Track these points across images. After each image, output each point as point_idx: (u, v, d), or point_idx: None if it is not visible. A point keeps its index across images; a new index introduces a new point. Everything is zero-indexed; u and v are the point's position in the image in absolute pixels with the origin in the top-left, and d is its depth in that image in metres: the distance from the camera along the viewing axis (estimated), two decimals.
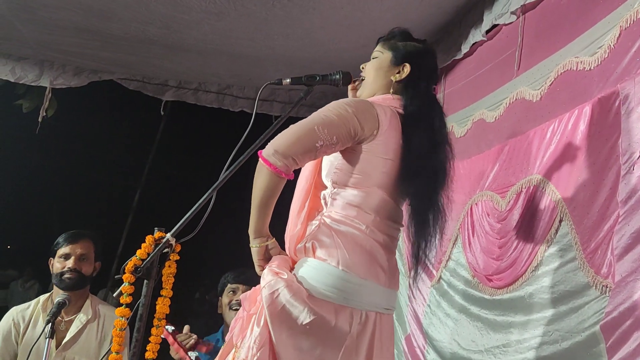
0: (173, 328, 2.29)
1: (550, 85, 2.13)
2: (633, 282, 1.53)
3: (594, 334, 1.66)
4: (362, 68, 1.77)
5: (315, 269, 1.47)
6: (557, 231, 1.93)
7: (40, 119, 3.91)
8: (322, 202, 1.60)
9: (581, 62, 1.95)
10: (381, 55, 1.72)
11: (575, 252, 1.80)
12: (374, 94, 1.70)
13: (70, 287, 2.31)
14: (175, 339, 2.24)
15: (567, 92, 2.03)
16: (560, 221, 1.91)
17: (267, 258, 1.56)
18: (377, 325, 1.51)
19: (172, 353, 2.27)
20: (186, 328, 2.33)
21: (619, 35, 1.78)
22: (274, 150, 1.44)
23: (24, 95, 4.33)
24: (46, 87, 3.81)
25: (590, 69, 1.91)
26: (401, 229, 1.64)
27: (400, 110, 1.61)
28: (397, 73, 1.68)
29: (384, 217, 1.56)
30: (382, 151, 1.55)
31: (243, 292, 2.49)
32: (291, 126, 1.50)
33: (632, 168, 1.61)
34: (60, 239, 2.40)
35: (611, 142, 1.71)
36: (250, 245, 1.54)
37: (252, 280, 2.48)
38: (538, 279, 1.98)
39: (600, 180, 1.74)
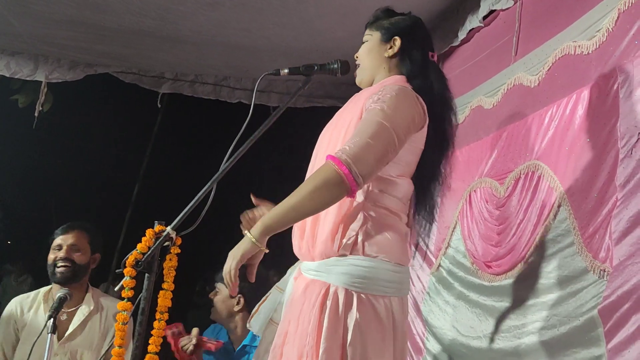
0: (179, 330, 2.22)
1: (548, 70, 2.12)
2: (631, 266, 1.54)
3: (592, 318, 1.67)
4: (356, 57, 1.76)
5: (373, 269, 1.45)
6: (555, 216, 1.93)
7: (36, 114, 3.90)
8: (361, 192, 1.49)
9: (579, 46, 1.94)
10: (370, 37, 1.72)
11: (574, 237, 1.81)
12: (373, 76, 1.70)
13: (64, 280, 2.31)
14: (176, 346, 2.20)
15: (565, 77, 2.02)
16: (559, 206, 1.92)
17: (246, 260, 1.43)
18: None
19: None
20: (195, 331, 2.25)
21: (617, 18, 1.76)
22: (361, 175, 1.37)
23: (19, 90, 4.31)
24: (42, 82, 3.80)
25: (588, 53, 1.90)
26: None
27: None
28: (390, 49, 1.67)
29: (407, 201, 1.60)
30: (422, 140, 1.57)
31: (221, 290, 2.49)
32: (371, 144, 1.40)
33: (630, 152, 1.61)
34: (55, 231, 2.42)
35: (609, 126, 1.71)
36: (252, 238, 1.39)
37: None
38: (537, 264, 1.99)
39: (599, 164, 1.74)
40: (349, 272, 1.44)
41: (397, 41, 1.66)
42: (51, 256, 2.36)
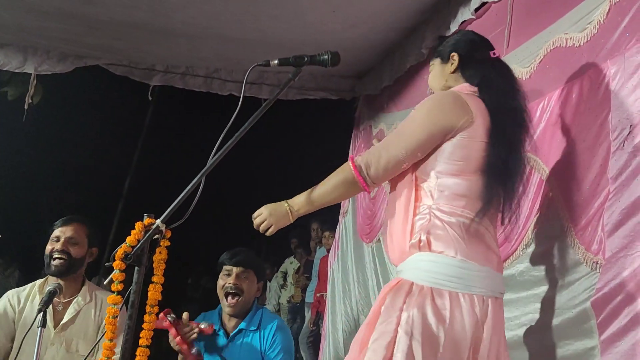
0: (174, 317, 2.24)
1: (539, 62, 2.11)
2: (623, 258, 1.54)
3: (584, 310, 1.67)
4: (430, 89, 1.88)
5: (435, 263, 1.52)
6: (547, 209, 1.93)
7: (26, 107, 3.86)
8: (428, 194, 1.60)
9: (570, 38, 1.94)
10: (433, 65, 1.83)
11: (566, 230, 1.81)
12: None
13: (58, 273, 2.31)
14: (178, 332, 2.22)
15: (557, 69, 2.02)
16: (551, 199, 1.92)
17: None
18: (495, 309, 1.54)
19: (171, 341, 2.25)
20: (185, 315, 2.30)
21: (609, 10, 1.76)
22: (370, 177, 1.60)
23: (8, 83, 4.28)
24: (31, 74, 3.76)
25: (579, 45, 1.89)
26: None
27: (477, 94, 1.67)
28: (451, 65, 1.76)
29: (476, 198, 1.58)
30: (481, 134, 1.59)
31: (237, 274, 2.44)
32: (383, 149, 1.61)
33: (622, 144, 1.61)
34: (55, 223, 2.42)
35: (601, 119, 1.71)
36: (288, 208, 1.65)
37: (247, 263, 2.48)
38: (529, 256, 1.99)
39: (591, 157, 1.74)
40: (418, 267, 1.54)
41: (455, 56, 1.75)
42: (48, 247, 2.37)
